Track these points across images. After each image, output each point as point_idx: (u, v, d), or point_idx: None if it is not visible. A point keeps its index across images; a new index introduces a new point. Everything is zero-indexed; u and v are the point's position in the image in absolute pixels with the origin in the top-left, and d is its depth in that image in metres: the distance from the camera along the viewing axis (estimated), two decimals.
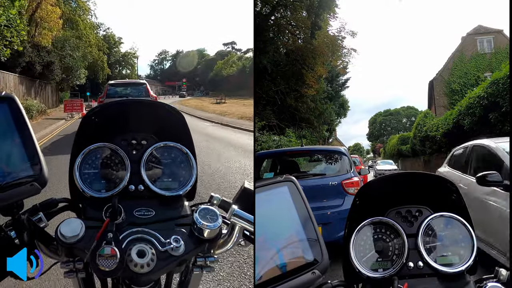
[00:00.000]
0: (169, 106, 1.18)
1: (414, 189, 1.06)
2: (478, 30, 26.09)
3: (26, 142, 0.87)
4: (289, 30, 18.39)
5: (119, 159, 1.07)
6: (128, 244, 0.87)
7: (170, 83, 70.41)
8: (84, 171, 1.04)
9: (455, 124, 15.39)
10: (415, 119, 26.63)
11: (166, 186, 1.07)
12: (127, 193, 1.03)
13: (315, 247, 0.86)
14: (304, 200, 0.91)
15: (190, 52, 77.87)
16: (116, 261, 0.81)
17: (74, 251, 0.87)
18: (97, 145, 1.07)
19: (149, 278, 0.87)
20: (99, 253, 0.81)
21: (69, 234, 0.86)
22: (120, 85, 16.22)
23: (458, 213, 1.01)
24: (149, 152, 1.09)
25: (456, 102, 18.65)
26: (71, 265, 0.91)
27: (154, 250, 0.86)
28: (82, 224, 0.88)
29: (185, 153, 1.12)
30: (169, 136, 1.13)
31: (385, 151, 42.36)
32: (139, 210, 0.99)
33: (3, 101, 0.88)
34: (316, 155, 6.11)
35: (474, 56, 25.73)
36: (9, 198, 0.83)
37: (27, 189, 0.84)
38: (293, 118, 18.81)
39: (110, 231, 0.86)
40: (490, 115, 12.03)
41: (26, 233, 0.88)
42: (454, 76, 25.98)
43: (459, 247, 0.98)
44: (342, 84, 29.87)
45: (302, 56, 18.09)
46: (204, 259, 0.99)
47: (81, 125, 1.11)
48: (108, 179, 1.05)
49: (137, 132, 1.13)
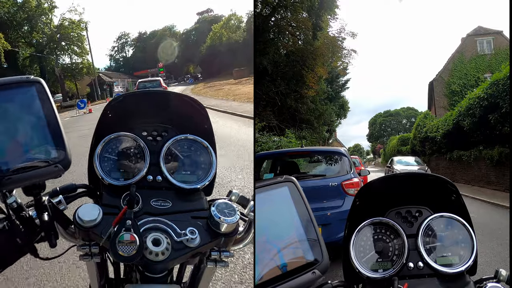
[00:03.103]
0: (191, 98, 1.18)
1: (414, 189, 1.06)
2: (478, 31, 26.10)
3: (52, 125, 0.88)
4: (289, 31, 18.39)
5: (138, 149, 1.08)
6: (144, 232, 0.88)
7: (141, 73, 54.71)
8: (104, 159, 1.05)
9: (455, 125, 15.40)
10: (415, 120, 26.64)
11: (184, 179, 1.07)
12: (145, 183, 1.04)
13: (316, 247, 0.86)
14: (304, 201, 0.91)
15: (156, 32, 63.26)
16: (135, 247, 0.82)
17: (90, 235, 0.89)
18: (117, 134, 1.08)
19: (163, 266, 0.88)
20: (119, 239, 0.83)
21: (87, 218, 0.87)
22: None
23: (458, 213, 1.01)
24: (169, 144, 1.10)
25: (456, 103, 18.67)
26: (87, 249, 0.93)
27: (169, 240, 0.88)
28: (100, 209, 0.90)
29: (205, 147, 1.12)
30: (190, 128, 1.13)
31: (385, 152, 42.35)
32: (156, 200, 1.00)
33: (31, 85, 0.90)
34: (316, 156, 6.10)
35: (474, 57, 25.74)
36: (34, 177, 0.84)
37: (51, 170, 0.85)
38: (293, 119, 18.81)
39: (129, 218, 0.87)
40: (490, 116, 12.03)
41: (46, 214, 0.90)
42: (454, 77, 26.00)
43: (459, 247, 0.98)
44: (342, 85, 29.85)
45: (302, 57, 18.09)
46: (219, 253, 0.98)
47: (103, 113, 1.12)
48: (127, 169, 1.06)
49: (158, 123, 1.13)
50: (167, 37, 60.54)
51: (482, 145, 13.63)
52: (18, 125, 0.86)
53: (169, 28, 63.90)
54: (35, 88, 0.90)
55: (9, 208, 0.87)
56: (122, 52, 68.60)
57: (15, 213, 0.88)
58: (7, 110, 0.86)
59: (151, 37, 63.64)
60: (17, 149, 0.84)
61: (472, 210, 1.09)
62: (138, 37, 66.73)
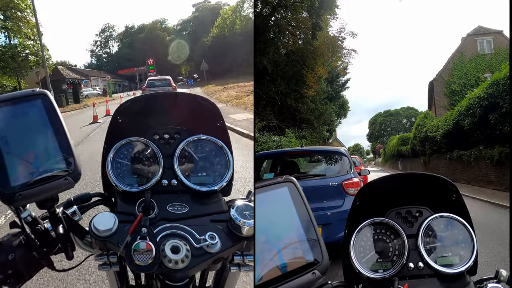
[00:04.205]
0: (200, 96, 1.16)
1: (414, 189, 1.06)
2: (478, 31, 26.10)
3: (60, 137, 0.88)
4: (289, 31, 18.38)
5: (151, 154, 1.06)
6: (161, 240, 0.86)
7: (127, 72, 48.21)
8: (117, 166, 1.04)
9: (455, 125, 15.40)
10: (415, 120, 26.62)
11: (200, 181, 1.05)
12: (159, 187, 1.02)
13: (316, 247, 0.86)
14: (304, 201, 0.90)
15: (145, 26, 55.93)
16: (151, 256, 0.80)
17: (107, 244, 0.88)
18: (128, 139, 1.06)
19: (183, 274, 0.85)
20: (134, 247, 0.81)
21: (103, 228, 0.86)
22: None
23: (459, 213, 1.01)
24: (182, 146, 1.07)
25: (456, 103, 18.68)
26: (105, 258, 0.92)
27: (188, 246, 0.85)
28: (115, 218, 0.88)
29: (220, 146, 1.09)
30: (203, 128, 1.11)
31: (385, 152, 42.35)
32: (173, 205, 0.98)
33: (37, 97, 0.90)
34: (316, 156, 6.09)
35: (474, 57, 25.75)
36: (45, 191, 0.84)
37: (61, 183, 0.85)
38: (293, 118, 18.80)
39: (144, 226, 0.85)
40: (490, 115, 12.02)
41: (61, 225, 0.90)
42: (454, 77, 26.00)
43: (460, 247, 0.98)
44: (342, 85, 29.87)
45: (302, 57, 18.08)
46: (242, 257, 0.95)
47: (112, 119, 1.11)
48: (140, 174, 1.04)
49: (169, 126, 1.11)
50: (158, 31, 53.97)
51: (482, 145, 13.63)
52: (27, 139, 0.87)
53: (160, 22, 57.34)
54: (41, 100, 0.90)
55: (24, 222, 0.86)
56: (106, 48, 61.14)
57: (30, 227, 0.88)
58: (16, 126, 0.87)
59: (139, 32, 57.36)
60: (27, 164, 0.85)
61: (472, 210, 1.09)
62: (124, 32, 59.84)
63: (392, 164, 36.84)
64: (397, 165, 32.12)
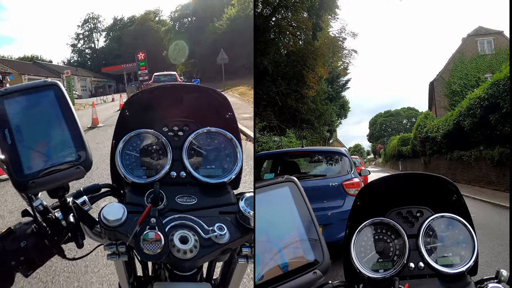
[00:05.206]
0: (209, 88, 1.16)
1: (415, 189, 1.06)
2: (478, 31, 26.09)
3: (71, 127, 0.89)
4: (290, 31, 18.38)
5: (160, 146, 1.06)
6: (170, 230, 0.87)
7: (112, 69, 40.35)
8: (126, 157, 1.04)
9: (455, 125, 15.38)
10: (416, 120, 26.62)
11: (209, 173, 1.05)
12: (168, 179, 1.03)
13: (317, 247, 0.86)
14: (305, 200, 0.91)
15: (135, 18, 48.55)
16: (160, 246, 0.81)
17: (116, 234, 0.89)
18: (137, 131, 1.06)
19: (192, 264, 0.87)
20: (143, 237, 0.82)
21: (112, 218, 0.87)
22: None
23: (459, 213, 1.01)
24: (191, 139, 1.08)
25: (457, 103, 18.66)
26: (114, 248, 0.93)
27: (197, 237, 0.86)
28: (124, 208, 0.89)
29: (230, 139, 1.09)
30: (212, 120, 1.11)
31: (385, 152, 42.33)
32: (181, 196, 0.99)
33: (49, 88, 0.91)
34: (316, 156, 6.09)
35: (475, 57, 25.73)
36: (57, 180, 0.86)
37: (73, 172, 0.87)
38: (293, 119, 18.80)
39: (153, 216, 0.87)
40: (490, 116, 12.01)
41: (71, 215, 0.91)
42: (454, 77, 25.98)
43: (460, 247, 0.98)
44: (342, 85, 29.82)
45: (303, 57, 18.07)
46: (250, 249, 0.96)
47: (121, 112, 1.11)
48: (149, 166, 1.05)
49: (178, 118, 1.11)
50: (150, 22, 45.94)
51: (483, 145, 13.62)
52: (39, 129, 0.88)
53: (154, 13, 49.30)
54: (53, 91, 0.91)
55: (36, 210, 0.88)
56: (90, 42, 51.68)
57: (42, 216, 0.89)
58: (29, 115, 0.88)
59: (128, 24, 49.60)
60: (40, 153, 0.86)
61: (473, 210, 1.08)
62: (112, 25, 51.55)
63: (392, 164, 36.84)
64: (397, 166, 32.11)
